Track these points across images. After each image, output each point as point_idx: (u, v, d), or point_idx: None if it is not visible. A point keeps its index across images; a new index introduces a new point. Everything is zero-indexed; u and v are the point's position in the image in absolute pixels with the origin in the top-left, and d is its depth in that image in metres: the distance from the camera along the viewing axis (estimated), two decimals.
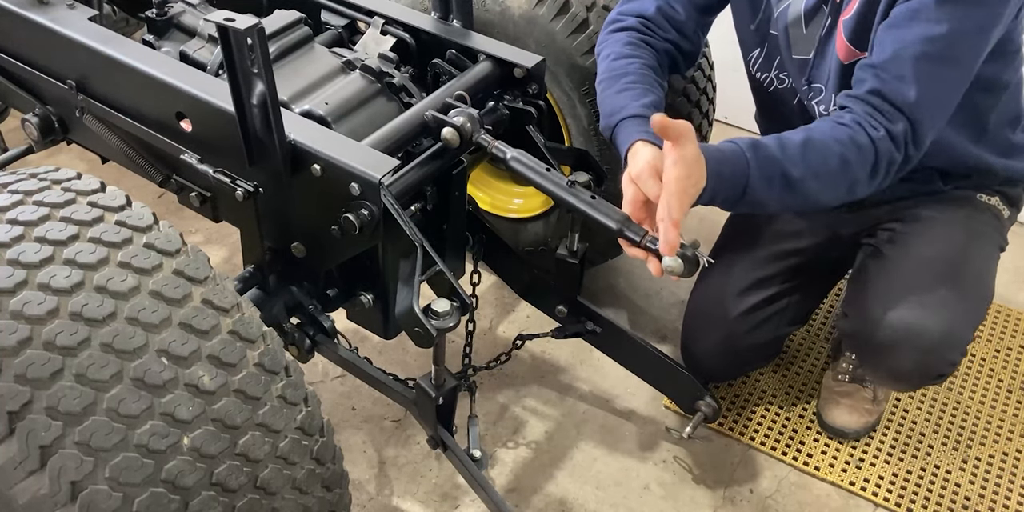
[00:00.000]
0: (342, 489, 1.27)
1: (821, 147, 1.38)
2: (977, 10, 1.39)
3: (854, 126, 1.40)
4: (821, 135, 1.39)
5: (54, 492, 0.95)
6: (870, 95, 1.41)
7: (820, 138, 1.39)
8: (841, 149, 1.38)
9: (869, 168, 1.41)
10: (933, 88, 1.40)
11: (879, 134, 1.39)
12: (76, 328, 0.99)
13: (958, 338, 1.65)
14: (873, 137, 1.39)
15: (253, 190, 1.41)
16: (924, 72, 1.39)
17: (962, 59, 1.42)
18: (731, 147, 1.37)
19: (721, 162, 1.34)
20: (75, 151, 2.03)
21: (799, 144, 1.38)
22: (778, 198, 1.40)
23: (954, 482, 1.91)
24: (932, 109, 1.42)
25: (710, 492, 1.88)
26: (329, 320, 1.58)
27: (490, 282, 2.27)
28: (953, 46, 1.39)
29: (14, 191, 1.12)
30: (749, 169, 1.36)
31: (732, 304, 1.86)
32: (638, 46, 1.67)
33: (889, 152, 1.40)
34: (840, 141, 1.39)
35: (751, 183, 1.36)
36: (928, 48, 1.38)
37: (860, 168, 1.40)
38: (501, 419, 2.01)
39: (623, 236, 1.38)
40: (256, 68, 1.22)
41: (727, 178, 1.34)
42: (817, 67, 1.61)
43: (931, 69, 1.39)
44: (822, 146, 1.38)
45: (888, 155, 1.41)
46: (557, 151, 1.61)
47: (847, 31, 1.52)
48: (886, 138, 1.40)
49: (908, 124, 1.40)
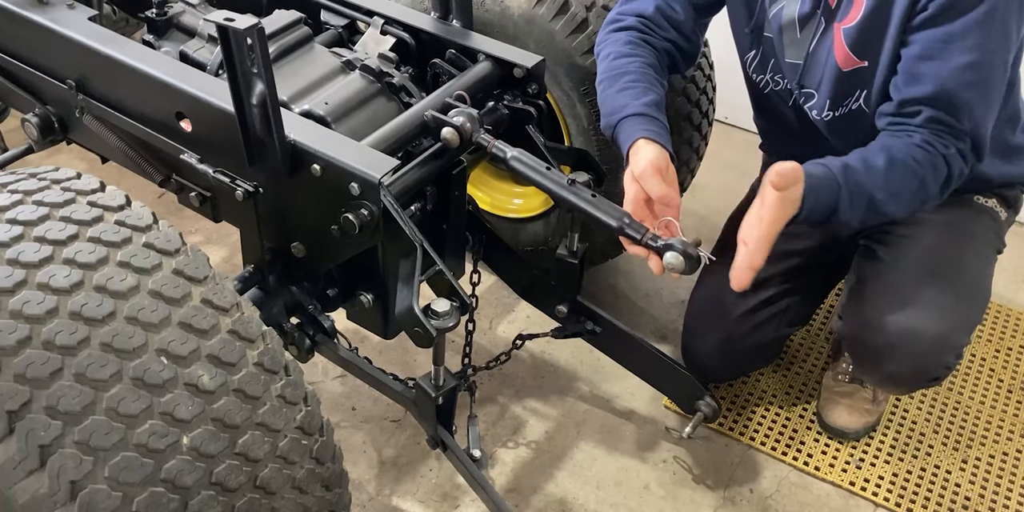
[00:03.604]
0: (342, 489, 1.27)
1: (903, 169, 1.45)
2: (1001, 31, 1.44)
3: (928, 147, 1.47)
4: (902, 156, 1.46)
5: (53, 491, 0.95)
6: (930, 123, 1.48)
7: (902, 159, 1.45)
8: (920, 169, 1.46)
9: (941, 184, 1.49)
10: (982, 109, 1.48)
11: (951, 152, 1.47)
12: (75, 327, 0.99)
13: (953, 341, 1.65)
14: (946, 155, 1.47)
15: (253, 190, 1.41)
16: (971, 98, 1.46)
17: (996, 76, 1.49)
18: (823, 172, 1.42)
19: (816, 189, 1.39)
20: (75, 151, 2.03)
21: (883, 167, 1.44)
22: (861, 218, 1.46)
23: (954, 482, 1.91)
24: (985, 125, 1.50)
25: (710, 492, 1.88)
26: (329, 320, 1.58)
27: (490, 282, 2.27)
28: (988, 68, 1.46)
29: (14, 191, 1.12)
30: (840, 194, 1.41)
31: (732, 305, 1.86)
32: (638, 45, 1.67)
33: (960, 168, 1.49)
34: (918, 161, 1.46)
35: (840, 207, 1.41)
36: (968, 76, 1.45)
37: (934, 185, 1.48)
38: (501, 419, 2.01)
39: (624, 234, 1.38)
40: (256, 68, 1.22)
41: (821, 203, 1.40)
42: (809, 71, 1.61)
43: (976, 94, 1.46)
44: (903, 168, 1.45)
45: (959, 171, 1.49)
46: (557, 151, 1.61)
47: (848, 39, 1.52)
48: (956, 156, 1.48)
49: (971, 142, 1.48)
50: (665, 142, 1.54)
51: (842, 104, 1.61)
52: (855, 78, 1.57)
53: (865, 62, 1.54)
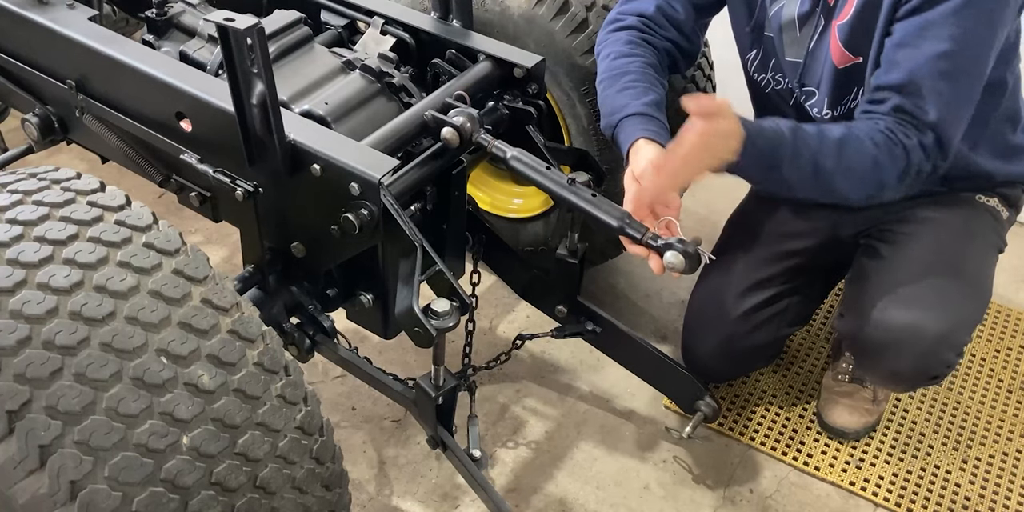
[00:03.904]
0: (342, 488, 1.27)
1: (857, 145, 1.44)
2: (981, 22, 1.43)
3: (888, 133, 1.45)
4: (860, 135, 1.45)
5: (53, 491, 0.95)
6: (895, 112, 1.46)
7: (858, 137, 1.44)
8: (876, 151, 1.44)
9: (899, 173, 1.47)
10: (952, 102, 1.46)
11: (911, 142, 1.45)
12: (75, 327, 0.99)
13: (955, 339, 1.65)
14: (906, 145, 1.45)
15: (253, 190, 1.41)
16: (942, 90, 1.44)
17: (973, 69, 1.47)
18: (772, 125, 1.42)
19: (759, 136, 1.39)
20: (75, 151, 2.03)
21: (838, 138, 1.44)
22: (805, 184, 1.46)
23: (954, 482, 1.91)
24: (954, 121, 1.48)
25: (710, 492, 1.88)
26: (329, 320, 1.58)
27: (490, 282, 2.26)
28: (964, 59, 1.44)
29: (14, 191, 1.12)
30: (783, 149, 1.41)
31: (733, 305, 1.86)
32: (638, 45, 1.67)
33: (920, 161, 1.47)
34: (876, 143, 1.44)
35: (783, 163, 1.41)
36: (941, 66, 1.43)
37: (890, 172, 1.46)
38: (501, 419, 2.01)
39: (624, 233, 1.38)
40: (256, 68, 1.22)
41: (760, 151, 1.39)
42: (809, 70, 1.62)
43: (947, 85, 1.44)
44: (858, 144, 1.44)
45: (919, 163, 1.47)
46: (557, 151, 1.61)
47: (842, 36, 1.53)
48: (917, 147, 1.46)
49: (936, 137, 1.46)
50: (665, 142, 1.55)
51: (841, 103, 1.61)
52: (852, 75, 1.57)
53: (859, 58, 1.54)
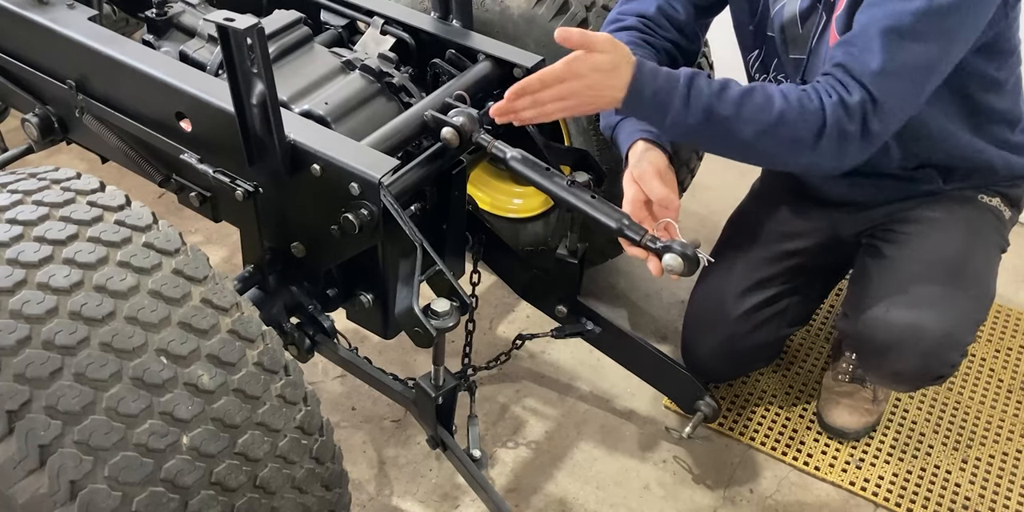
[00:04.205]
0: (342, 488, 1.27)
1: (762, 98, 1.39)
2: None
3: (808, 90, 1.41)
4: (770, 89, 1.41)
5: (53, 491, 0.95)
6: (835, 68, 1.41)
7: (766, 91, 1.40)
8: (784, 105, 1.38)
9: (815, 132, 1.39)
10: (897, 60, 1.38)
11: (831, 100, 1.38)
12: (75, 327, 0.99)
13: (958, 339, 1.65)
14: (824, 102, 1.38)
15: (253, 190, 1.41)
16: (888, 44, 1.37)
17: (932, 36, 1.38)
18: (668, 71, 1.39)
19: (652, 76, 1.36)
20: (75, 151, 2.03)
21: (741, 89, 1.40)
22: (706, 134, 1.42)
23: (954, 482, 1.91)
24: (896, 83, 1.39)
25: (710, 492, 1.88)
26: (329, 320, 1.58)
27: (490, 282, 2.26)
28: (922, 22, 1.36)
29: (13, 191, 1.12)
30: (675, 91, 1.37)
31: (733, 305, 1.86)
32: (639, 45, 1.67)
33: (839, 120, 1.38)
34: (786, 98, 1.39)
35: (672, 105, 1.37)
36: (896, 22, 1.37)
37: (803, 129, 1.39)
38: (501, 419, 2.01)
39: (623, 235, 1.38)
40: (256, 68, 1.22)
41: (649, 95, 1.36)
42: (812, 67, 1.61)
43: (897, 42, 1.37)
44: (764, 97, 1.39)
45: (838, 123, 1.38)
46: (557, 151, 1.61)
47: (839, 26, 1.52)
48: (838, 105, 1.38)
49: (867, 95, 1.38)
50: (665, 143, 1.55)
51: None
52: None
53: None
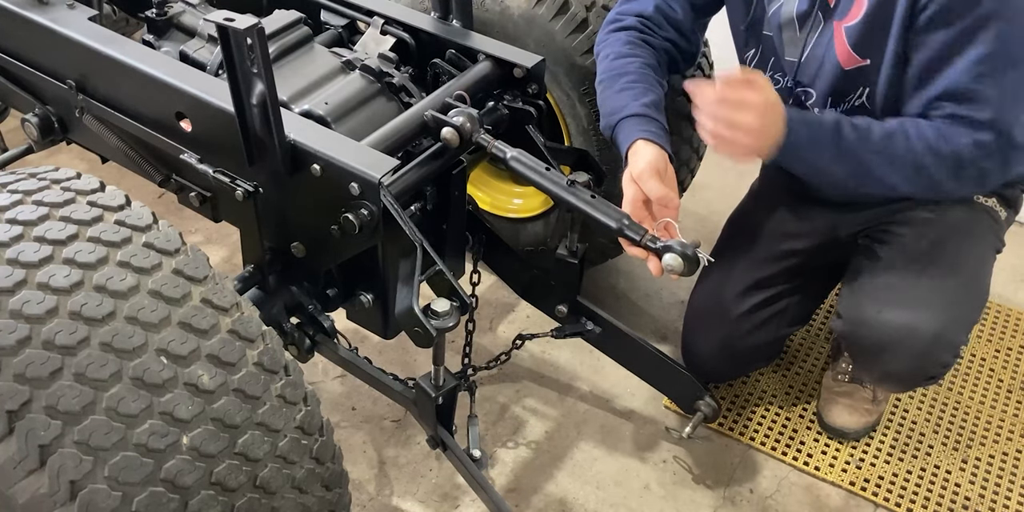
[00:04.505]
0: (342, 488, 1.27)
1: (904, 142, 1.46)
2: (1015, 22, 1.41)
3: (943, 131, 1.46)
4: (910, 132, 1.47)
5: (53, 491, 0.95)
6: (949, 117, 1.46)
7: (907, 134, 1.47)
8: (922, 150, 1.46)
9: (950, 172, 1.48)
10: (1003, 99, 1.44)
11: (964, 141, 1.45)
12: (75, 327, 0.99)
13: (951, 340, 1.65)
14: (959, 145, 1.45)
15: (253, 190, 1.41)
16: (989, 91, 1.43)
17: (1017, 63, 1.45)
18: (819, 120, 1.49)
19: (801, 117, 1.47)
20: (75, 151, 2.03)
21: (882, 133, 1.47)
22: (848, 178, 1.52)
23: (954, 482, 1.91)
24: (1010, 114, 1.46)
25: (710, 492, 1.88)
26: (329, 320, 1.58)
27: (490, 282, 2.26)
28: (1004, 58, 1.43)
29: (13, 191, 1.12)
30: (824, 137, 1.46)
31: (732, 305, 1.86)
32: (638, 45, 1.67)
33: (977, 158, 1.46)
34: (927, 142, 1.46)
35: (825, 153, 1.47)
36: (982, 69, 1.42)
37: (939, 171, 1.47)
38: (501, 419, 2.01)
39: (623, 235, 1.38)
40: (256, 68, 1.22)
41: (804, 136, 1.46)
42: (806, 69, 1.61)
43: (993, 85, 1.43)
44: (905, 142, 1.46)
45: (975, 160, 1.46)
46: (557, 151, 1.61)
47: (851, 38, 1.52)
48: (970, 146, 1.45)
49: (994, 133, 1.45)
50: (664, 143, 1.55)
51: (844, 101, 1.61)
52: (857, 76, 1.56)
53: (867, 60, 1.53)
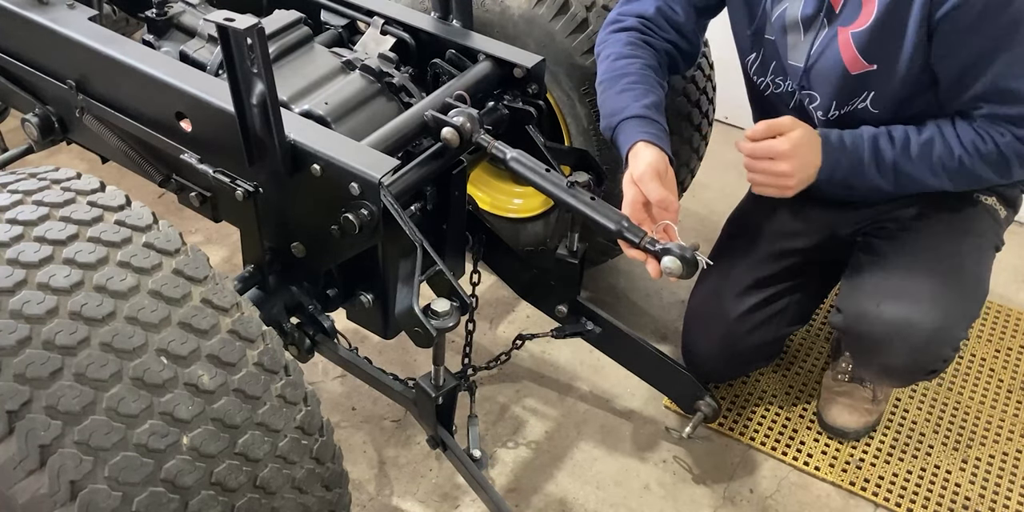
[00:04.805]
0: (342, 488, 1.27)
1: (943, 149, 1.53)
2: None
3: (980, 132, 1.52)
4: (948, 136, 1.53)
5: (53, 491, 0.95)
6: (987, 116, 1.52)
7: (946, 140, 1.53)
8: (963, 153, 1.53)
9: (997, 168, 1.54)
10: None
11: (1005, 139, 1.51)
12: (75, 327, 0.99)
13: (950, 334, 1.65)
14: (999, 142, 1.51)
15: (253, 190, 1.41)
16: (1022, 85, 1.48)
17: None
18: (848, 132, 1.55)
19: (838, 140, 1.54)
20: (75, 151, 2.03)
21: (921, 142, 1.53)
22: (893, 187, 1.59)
23: (954, 482, 1.91)
24: None
25: (710, 492, 1.88)
26: (329, 320, 1.58)
27: (490, 282, 2.26)
28: None
29: (14, 191, 1.12)
30: (863, 157, 1.54)
31: (732, 304, 1.86)
32: (638, 46, 1.67)
33: (1020, 153, 1.52)
34: (964, 146, 1.52)
35: (865, 171, 1.55)
36: (1016, 70, 1.46)
37: (984, 170, 1.54)
38: (501, 419, 2.01)
39: (622, 237, 1.38)
40: (256, 68, 1.22)
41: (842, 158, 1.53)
42: (811, 73, 1.61)
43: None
44: (944, 148, 1.53)
45: (1020, 155, 1.52)
46: (557, 151, 1.61)
47: (859, 44, 1.52)
48: (1013, 142, 1.51)
49: None
50: (664, 145, 1.55)
51: (848, 103, 1.61)
52: (863, 81, 1.56)
53: (875, 66, 1.53)
